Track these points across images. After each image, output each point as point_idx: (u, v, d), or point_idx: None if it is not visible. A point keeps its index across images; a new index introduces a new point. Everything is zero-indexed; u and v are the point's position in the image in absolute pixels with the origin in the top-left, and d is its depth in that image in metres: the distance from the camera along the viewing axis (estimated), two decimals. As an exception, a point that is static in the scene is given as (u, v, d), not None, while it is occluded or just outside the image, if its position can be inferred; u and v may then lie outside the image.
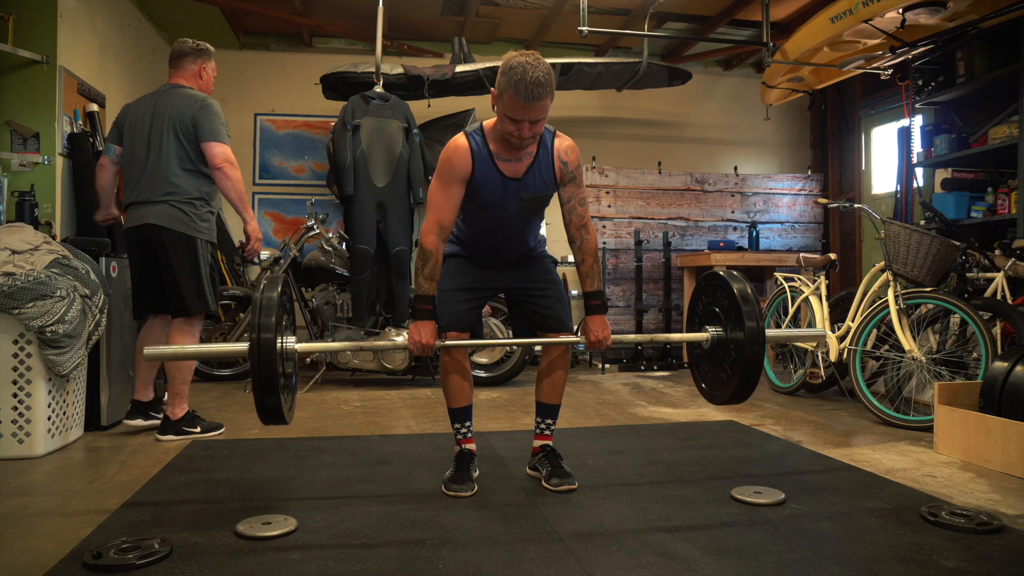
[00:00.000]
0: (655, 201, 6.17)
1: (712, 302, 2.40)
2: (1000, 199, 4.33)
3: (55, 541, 1.90)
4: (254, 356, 1.92)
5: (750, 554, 1.81)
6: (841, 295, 4.33)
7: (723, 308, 2.33)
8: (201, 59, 3.31)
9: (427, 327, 2.26)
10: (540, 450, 2.52)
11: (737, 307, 2.23)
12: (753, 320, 2.19)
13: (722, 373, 2.35)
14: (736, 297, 2.24)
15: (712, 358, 2.39)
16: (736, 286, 2.26)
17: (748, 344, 2.19)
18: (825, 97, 6.37)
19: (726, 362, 2.31)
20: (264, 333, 1.93)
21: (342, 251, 4.74)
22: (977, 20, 4.03)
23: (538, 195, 2.34)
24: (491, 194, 2.30)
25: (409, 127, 4.69)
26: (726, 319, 2.32)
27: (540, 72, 2.09)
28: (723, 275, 2.34)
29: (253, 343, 1.93)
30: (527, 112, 2.12)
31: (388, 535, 1.95)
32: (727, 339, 2.30)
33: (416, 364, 4.64)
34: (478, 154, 2.27)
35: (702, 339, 2.37)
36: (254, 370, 1.92)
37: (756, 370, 2.24)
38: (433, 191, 2.32)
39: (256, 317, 1.95)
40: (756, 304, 2.23)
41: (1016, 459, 2.58)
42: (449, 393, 2.48)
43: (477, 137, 2.29)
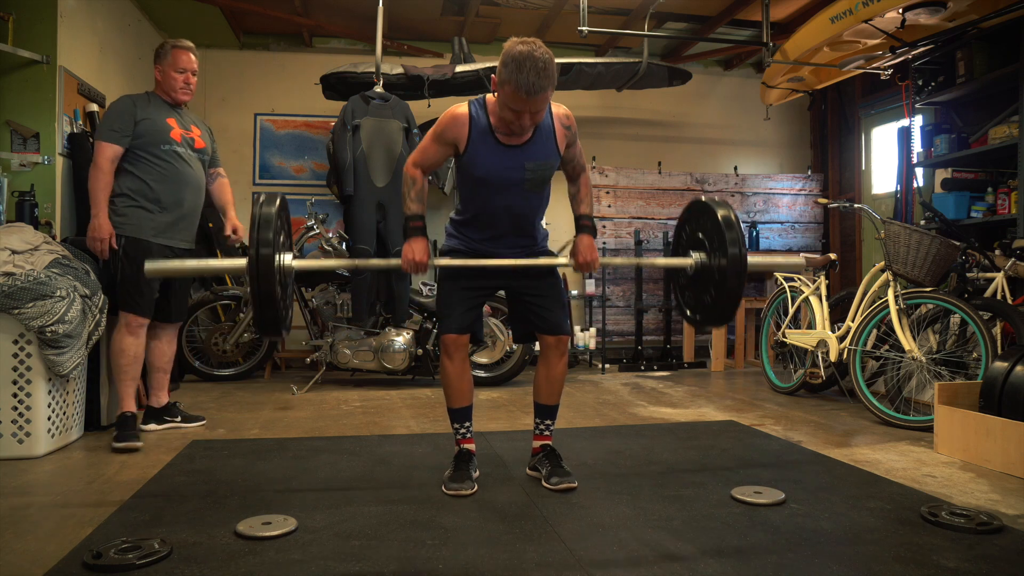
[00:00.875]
0: (655, 201, 6.17)
1: (697, 228, 2.43)
2: (1000, 199, 4.33)
3: (55, 541, 1.90)
4: (253, 270, 2.00)
5: (750, 554, 1.81)
6: (841, 295, 4.33)
7: (707, 234, 2.36)
8: (155, 63, 3.23)
9: (419, 244, 2.31)
10: (540, 450, 2.52)
11: (720, 233, 2.26)
12: (736, 247, 2.23)
13: (706, 297, 2.38)
14: (720, 223, 2.27)
15: (696, 283, 2.43)
16: (720, 212, 2.29)
17: (731, 268, 2.23)
18: (825, 97, 6.37)
19: (710, 286, 2.34)
20: (263, 248, 2.00)
21: (342, 251, 4.74)
22: (977, 20, 4.03)
23: (542, 163, 2.33)
24: (487, 164, 2.29)
25: (409, 127, 4.69)
26: (710, 245, 2.35)
27: (541, 63, 2.09)
28: (706, 201, 2.37)
29: (252, 259, 2.00)
30: (528, 105, 2.13)
31: (388, 535, 1.95)
32: (711, 264, 2.34)
33: (416, 364, 4.64)
34: (476, 123, 2.27)
35: (687, 264, 2.40)
36: (253, 284, 2.00)
37: (738, 294, 2.30)
38: (427, 139, 2.37)
39: (254, 232, 2.02)
40: (739, 230, 2.27)
41: (1016, 459, 2.58)
42: (449, 393, 2.48)
43: (478, 107, 2.30)
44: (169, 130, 3.17)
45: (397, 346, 4.57)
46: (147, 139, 3.10)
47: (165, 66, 3.19)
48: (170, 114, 3.21)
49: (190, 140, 3.25)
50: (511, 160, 2.29)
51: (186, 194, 3.20)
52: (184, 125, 3.25)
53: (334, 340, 4.60)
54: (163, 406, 3.34)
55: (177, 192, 3.16)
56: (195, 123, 3.34)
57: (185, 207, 3.20)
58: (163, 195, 3.13)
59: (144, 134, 3.10)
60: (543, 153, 2.32)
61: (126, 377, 3.11)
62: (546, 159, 2.33)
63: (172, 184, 3.15)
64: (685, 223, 2.49)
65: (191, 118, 3.33)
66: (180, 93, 3.22)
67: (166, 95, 3.23)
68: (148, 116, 3.12)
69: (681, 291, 2.56)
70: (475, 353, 4.68)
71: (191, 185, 3.22)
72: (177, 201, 3.17)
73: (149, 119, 3.12)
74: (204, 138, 3.35)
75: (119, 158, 3.08)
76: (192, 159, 3.24)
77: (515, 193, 2.34)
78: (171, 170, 3.15)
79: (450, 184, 5.38)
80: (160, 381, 3.33)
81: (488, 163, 2.29)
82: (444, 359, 2.44)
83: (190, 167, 3.22)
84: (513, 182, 2.32)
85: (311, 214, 4.78)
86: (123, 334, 3.09)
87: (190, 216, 3.25)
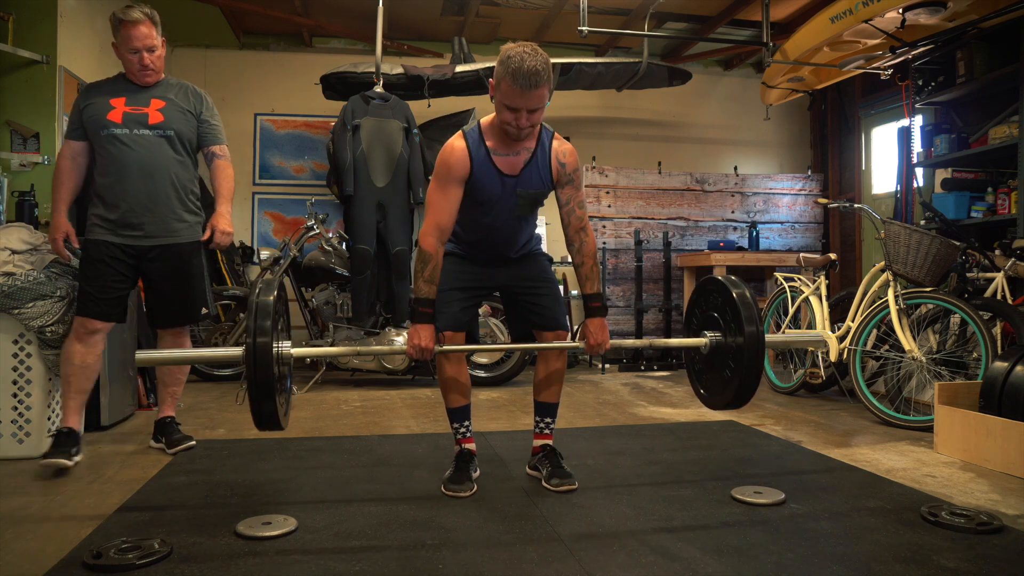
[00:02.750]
0: (655, 201, 6.16)
1: (710, 307, 2.40)
2: (1000, 199, 4.33)
3: (55, 541, 1.90)
4: (250, 361, 1.90)
5: (750, 554, 1.81)
6: (841, 295, 4.33)
7: (722, 313, 2.32)
8: None
9: (426, 330, 2.24)
10: (540, 450, 2.52)
11: (737, 312, 2.22)
12: (753, 325, 2.19)
13: (721, 379, 2.34)
14: (736, 302, 2.23)
15: (711, 363, 2.38)
16: (735, 291, 2.26)
17: (748, 349, 2.18)
18: (825, 97, 6.37)
19: (725, 368, 2.30)
20: (260, 337, 1.90)
21: (342, 251, 4.74)
22: (977, 20, 4.03)
23: (533, 192, 2.35)
24: (489, 191, 2.31)
25: (409, 127, 4.69)
26: (725, 324, 2.31)
27: (538, 61, 2.10)
28: (722, 280, 2.34)
29: (248, 347, 1.91)
30: (525, 100, 2.13)
31: (388, 535, 1.95)
32: (726, 344, 2.29)
33: (416, 364, 4.64)
34: (475, 153, 2.27)
35: (701, 344, 2.35)
36: (249, 375, 1.90)
37: (756, 375, 2.23)
38: (431, 194, 2.32)
39: (251, 321, 1.92)
40: (755, 308, 2.22)
41: (1016, 459, 2.58)
42: (447, 393, 2.48)
43: (473, 135, 2.29)
44: (108, 111, 2.71)
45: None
46: (91, 127, 2.73)
47: (118, 44, 2.74)
48: (122, 93, 2.76)
49: (138, 116, 2.74)
50: (509, 188, 2.32)
51: (130, 184, 2.71)
52: (138, 101, 2.76)
53: (334, 340, 4.60)
54: (159, 421, 2.99)
55: (118, 183, 2.71)
56: (162, 96, 2.82)
57: (131, 200, 2.72)
58: (106, 189, 2.73)
59: (88, 122, 2.73)
60: (537, 183, 2.34)
61: (69, 388, 2.71)
62: (538, 188, 2.36)
63: (113, 175, 2.71)
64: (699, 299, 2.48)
65: (160, 91, 2.83)
66: (140, 76, 2.77)
67: (129, 77, 2.81)
68: (91, 101, 2.74)
69: (694, 367, 2.53)
70: (474, 353, 4.68)
71: (134, 171, 2.71)
72: (120, 194, 2.71)
73: (92, 104, 2.73)
74: (167, 110, 2.80)
75: (79, 154, 2.75)
76: (140, 139, 2.72)
77: (508, 215, 2.37)
78: (110, 158, 2.71)
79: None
80: (160, 394, 3.02)
81: (489, 191, 2.31)
82: (440, 358, 2.43)
83: (135, 149, 2.71)
84: (507, 208, 2.35)
85: (311, 214, 4.78)
86: (70, 339, 2.73)
87: (143, 208, 2.74)
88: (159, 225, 2.77)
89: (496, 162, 2.29)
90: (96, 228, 2.75)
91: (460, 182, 2.28)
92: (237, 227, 5.86)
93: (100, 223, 2.74)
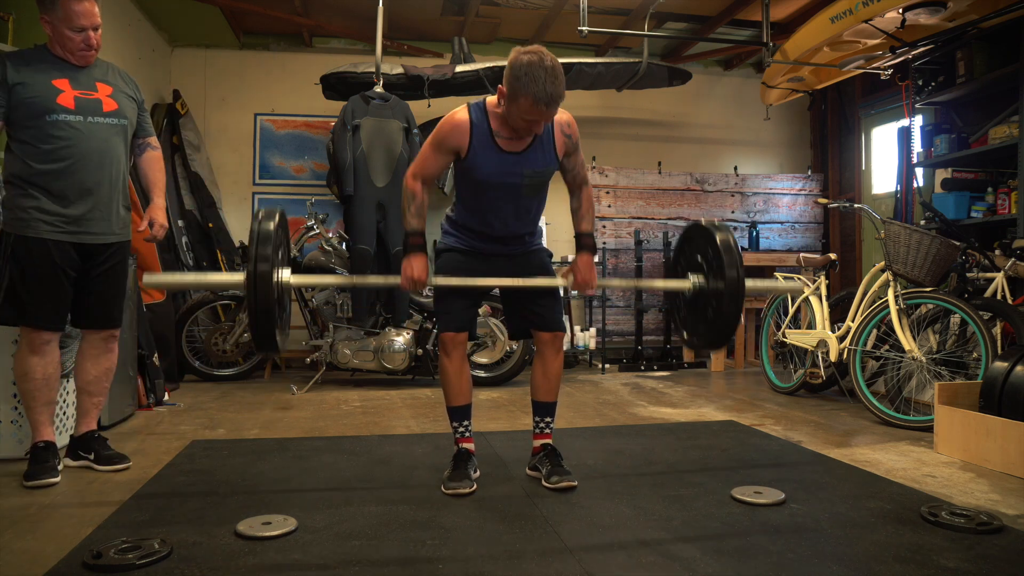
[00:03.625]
0: (655, 201, 6.17)
1: (695, 250, 2.45)
2: (1000, 199, 4.33)
3: (55, 541, 1.90)
4: (251, 286, 2.00)
5: (750, 554, 1.81)
6: (841, 295, 4.33)
7: (706, 257, 2.38)
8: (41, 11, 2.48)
9: (419, 261, 2.31)
10: (540, 449, 2.52)
11: (719, 256, 2.29)
12: (734, 269, 2.26)
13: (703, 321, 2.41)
14: (718, 247, 2.30)
15: (694, 306, 2.45)
16: (719, 236, 2.32)
17: (728, 293, 2.26)
18: (825, 97, 6.37)
19: (708, 310, 2.37)
20: (261, 264, 2.00)
21: (342, 251, 4.74)
22: (977, 20, 4.03)
23: (539, 170, 2.34)
24: (488, 169, 2.30)
25: (409, 127, 4.69)
26: (708, 269, 2.38)
27: (553, 72, 2.12)
28: (706, 225, 2.40)
29: (250, 275, 2.00)
30: (545, 116, 2.16)
31: (388, 535, 1.95)
32: (708, 288, 2.37)
33: (416, 364, 4.64)
34: (477, 129, 2.27)
35: (685, 287, 2.43)
36: (251, 300, 2.00)
37: (735, 319, 2.33)
38: (426, 147, 2.36)
39: (253, 248, 2.02)
40: (737, 254, 2.30)
41: (1016, 459, 2.58)
42: (448, 391, 2.48)
43: (478, 113, 2.29)
44: (56, 94, 2.45)
45: (397, 346, 4.58)
46: (27, 109, 2.42)
47: (54, 19, 2.44)
48: (61, 73, 2.49)
49: (92, 103, 2.52)
50: (511, 166, 2.31)
51: (87, 176, 2.49)
52: (84, 84, 2.53)
53: (334, 340, 4.60)
54: (81, 436, 2.69)
55: (70, 175, 2.46)
56: (103, 79, 2.60)
57: (96, 193, 2.52)
58: (52, 180, 2.45)
59: (21, 103, 2.42)
60: (542, 161, 2.34)
61: (36, 403, 2.53)
62: (544, 167, 2.35)
63: (70, 165, 2.46)
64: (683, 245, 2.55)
65: (99, 73, 2.60)
66: (81, 56, 2.51)
67: (62, 55, 2.52)
68: (24, 79, 2.43)
69: (678, 310, 2.60)
70: (475, 353, 4.68)
71: (95, 162, 2.51)
72: (73, 187, 2.47)
73: (26, 83, 2.43)
74: (118, 97, 2.60)
75: None
76: (96, 128, 2.51)
77: (513, 196, 2.36)
78: (58, 146, 2.44)
79: (450, 184, 5.38)
80: (83, 405, 2.70)
81: (489, 168, 2.30)
82: (443, 357, 2.44)
83: (92, 139, 2.50)
84: (511, 186, 2.34)
85: (311, 214, 4.78)
86: (24, 354, 2.50)
87: (104, 203, 2.55)
88: (110, 222, 2.58)
89: (499, 143, 2.28)
90: (39, 224, 2.44)
91: (451, 153, 2.31)
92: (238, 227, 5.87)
93: (44, 219, 2.44)
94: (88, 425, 2.71)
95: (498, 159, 2.29)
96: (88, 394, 2.70)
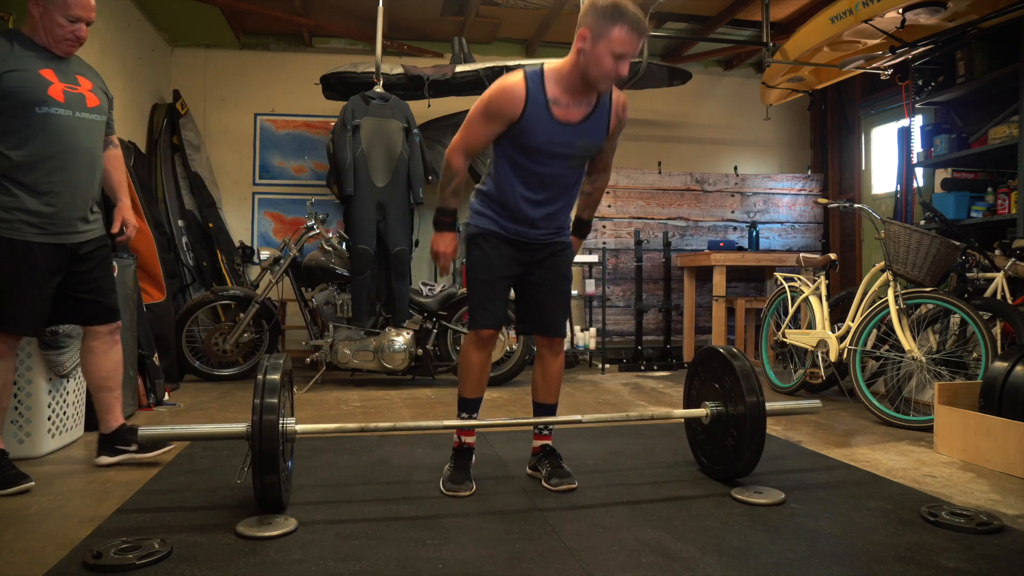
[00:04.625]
0: (655, 201, 6.16)
1: (711, 378, 2.48)
2: (1000, 199, 4.33)
3: (55, 541, 1.90)
4: (256, 436, 1.97)
5: (750, 554, 1.81)
6: (841, 295, 4.33)
7: (722, 384, 2.41)
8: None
9: (448, 237, 2.33)
10: (540, 450, 2.52)
11: (738, 383, 2.31)
12: (754, 395, 2.28)
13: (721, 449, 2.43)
14: (737, 374, 2.32)
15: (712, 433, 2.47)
16: (737, 364, 2.35)
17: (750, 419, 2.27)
18: (825, 97, 6.37)
19: (727, 437, 2.38)
20: (267, 415, 1.98)
21: (342, 251, 4.74)
22: (977, 20, 4.03)
23: (589, 144, 2.31)
24: (537, 139, 2.23)
25: (409, 127, 4.69)
26: (725, 395, 2.39)
27: (637, 6, 2.14)
28: (723, 352, 2.43)
29: (255, 424, 1.97)
30: (636, 45, 2.13)
31: (388, 535, 1.95)
32: (727, 414, 2.39)
33: (416, 364, 4.64)
34: (533, 97, 2.21)
35: (701, 415, 2.44)
36: (255, 450, 1.97)
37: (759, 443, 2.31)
38: (473, 117, 2.26)
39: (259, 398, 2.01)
40: (756, 379, 2.32)
41: (1016, 459, 2.58)
42: (467, 382, 2.43)
43: (535, 79, 2.23)
44: (46, 86, 2.36)
45: (397, 346, 4.57)
46: (14, 99, 2.31)
47: (48, 4, 2.35)
48: (46, 63, 2.39)
49: (77, 98, 2.44)
50: (564, 136, 2.26)
51: (77, 173, 2.42)
52: (67, 77, 2.43)
53: (334, 340, 4.60)
54: (113, 432, 2.66)
55: (58, 172, 2.38)
56: (81, 73, 2.51)
57: (79, 191, 2.45)
58: (45, 177, 2.36)
59: (11, 92, 2.30)
60: (593, 134, 2.30)
61: None
62: (595, 140, 2.32)
63: (56, 161, 2.37)
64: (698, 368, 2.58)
65: (76, 66, 2.51)
66: (64, 45, 2.41)
67: (43, 42, 2.40)
68: (13, 67, 2.31)
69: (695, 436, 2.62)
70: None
71: (82, 159, 2.45)
72: (58, 184, 2.38)
73: (15, 71, 2.31)
74: (97, 93, 2.53)
75: None
76: (82, 124, 2.44)
77: (558, 168, 2.31)
78: (45, 141, 2.35)
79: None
80: (105, 402, 2.66)
81: (541, 137, 2.23)
82: (472, 349, 2.40)
83: (79, 134, 2.43)
84: (560, 156, 2.29)
85: (311, 214, 4.78)
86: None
87: (87, 201, 2.50)
88: (89, 219, 2.52)
89: (554, 111, 2.23)
90: (23, 227, 2.34)
91: (506, 122, 2.23)
92: (238, 227, 5.88)
93: (28, 219, 2.35)
94: (116, 420, 2.68)
95: (551, 128, 2.23)
96: (107, 390, 2.68)
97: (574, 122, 2.25)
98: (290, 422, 2.15)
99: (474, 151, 2.31)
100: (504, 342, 4.67)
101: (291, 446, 2.28)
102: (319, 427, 2.29)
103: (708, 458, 2.51)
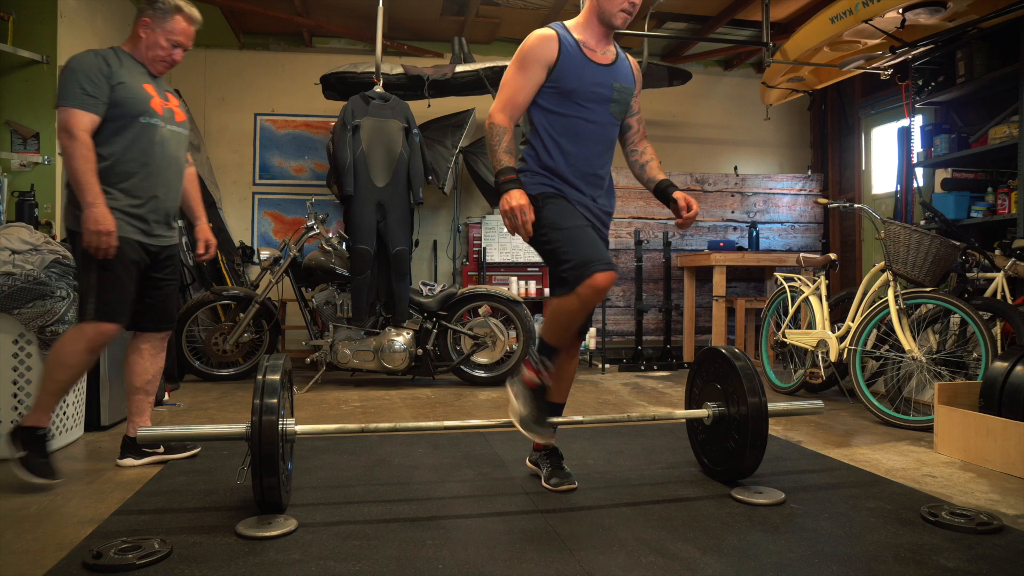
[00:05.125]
0: (655, 201, 6.09)
1: (713, 378, 2.48)
2: (1000, 199, 4.33)
3: (55, 541, 1.90)
4: (255, 437, 1.97)
5: (750, 554, 1.81)
6: (841, 295, 4.33)
7: (725, 384, 2.41)
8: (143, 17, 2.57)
9: (518, 194, 2.13)
10: (542, 447, 2.52)
11: (740, 384, 2.32)
12: (756, 396, 2.28)
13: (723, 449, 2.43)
14: (739, 374, 2.32)
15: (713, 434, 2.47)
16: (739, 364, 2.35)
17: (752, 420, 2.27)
18: (825, 97, 6.37)
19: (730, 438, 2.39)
20: (267, 416, 1.98)
21: (342, 251, 4.75)
22: (977, 20, 4.03)
23: (626, 86, 2.33)
24: (577, 79, 2.23)
25: (409, 127, 4.69)
26: (727, 396, 2.40)
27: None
28: (725, 352, 2.43)
29: (255, 425, 1.97)
30: None
31: (388, 535, 1.95)
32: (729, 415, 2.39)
33: (416, 364, 4.64)
34: (565, 40, 2.24)
35: (703, 416, 2.44)
36: (254, 452, 1.97)
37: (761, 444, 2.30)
38: (510, 74, 2.24)
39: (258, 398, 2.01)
40: (758, 380, 2.32)
41: (1016, 459, 2.58)
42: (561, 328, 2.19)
43: (561, 28, 2.28)
44: (148, 99, 2.55)
45: (397, 346, 4.57)
46: (123, 108, 2.48)
47: (156, 28, 2.56)
48: (147, 79, 2.59)
49: (171, 112, 2.64)
50: (601, 76, 2.27)
51: (165, 181, 2.61)
52: (161, 92, 2.64)
53: (334, 340, 4.60)
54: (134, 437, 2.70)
55: (154, 178, 2.57)
56: (169, 90, 2.73)
57: (168, 198, 2.65)
58: (137, 181, 2.52)
59: (121, 102, 2.48)
60: (626, 77, 2.34)
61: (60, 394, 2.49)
62: (629, 83, 2.35)
63: (151, 168, 2.55)
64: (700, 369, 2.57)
65: (165, 84, 2.72)
66: (160, 65, 2.62)
67: (143, 59, 2.60)
68: (124, 80, 2.50)
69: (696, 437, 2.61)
70: (474, 353, 4.68)
71: (172, 169, 2.65)
72: (152, 189, 2.56)
73: (125, 83, 2.49)
74: (183, 109, 2.76)
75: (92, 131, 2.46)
76: (173, 136, 2.64)
77: (602, 112, 2.29)
78: (149, 149, 2.54)
79: (450, 184, 5.38)
80: (140, 405, 2.74)
81: (579, 76, 2.24)
82: (588, 293, 2.08)
83: (171, 146, 2.63)
84: (602, 99, 2.28)
85: (311, 214, 4.78)
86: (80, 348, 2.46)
87: (170, 208, 2.67)
88: (171, 226, 2.71)
89: (586, 52, 2.26)
90: (122, 224, 2.48)
91: (544, 66, 2.22)
92: (238, 227, 5.88)
93: (124, 219, 2.49)
94: (145, 423, 2.74)
95: (588, 68, 2.25)
96: (145, 393, 2.75)
97: (606, 64, 2.30)
98: (290, 423, 2.16)
99: (518, 106, 2.24)
100: (504, 342, 4.67)
101: (291, 447, 2.28)
102: (319, 428, 2.29)
103: (710, 459, 2.51)
